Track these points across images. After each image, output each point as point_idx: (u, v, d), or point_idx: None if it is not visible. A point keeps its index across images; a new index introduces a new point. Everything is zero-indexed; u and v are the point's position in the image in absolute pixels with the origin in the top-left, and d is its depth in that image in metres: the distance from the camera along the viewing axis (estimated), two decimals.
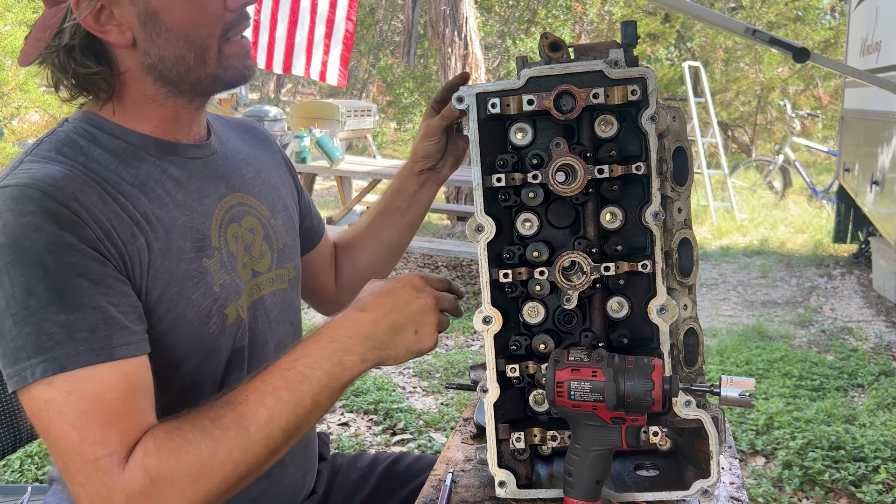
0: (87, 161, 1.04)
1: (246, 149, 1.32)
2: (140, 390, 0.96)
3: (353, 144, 11.67)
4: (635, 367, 0.95)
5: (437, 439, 3.32)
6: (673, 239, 1.06)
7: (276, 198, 1.30)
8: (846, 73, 5.68)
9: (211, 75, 1.09)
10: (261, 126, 1.44)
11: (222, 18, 1.07)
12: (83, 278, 0.94)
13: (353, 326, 1.01)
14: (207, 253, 1.11)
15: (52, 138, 1.07)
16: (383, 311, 1.03)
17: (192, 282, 1.08)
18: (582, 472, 0.98)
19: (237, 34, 1.10)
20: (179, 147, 1.14)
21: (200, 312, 1.08)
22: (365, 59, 14.93)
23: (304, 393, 0.97)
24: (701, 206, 8.65)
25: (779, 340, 4.70)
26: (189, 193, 1.12)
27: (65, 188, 0.97)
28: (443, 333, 4.97)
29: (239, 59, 1.11)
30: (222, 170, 1.21)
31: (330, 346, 1.00)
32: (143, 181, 1.07)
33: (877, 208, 5.24)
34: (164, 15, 1.04)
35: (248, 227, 1.21)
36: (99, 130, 1.08)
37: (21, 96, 4.83)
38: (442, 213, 8.07)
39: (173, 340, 1.06)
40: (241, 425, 0.94)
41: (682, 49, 13.59)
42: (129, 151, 1.08)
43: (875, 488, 2.82)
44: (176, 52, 1.06)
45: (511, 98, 1.03)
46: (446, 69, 7.51)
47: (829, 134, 13.39)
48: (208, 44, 1.07)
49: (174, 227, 1.07)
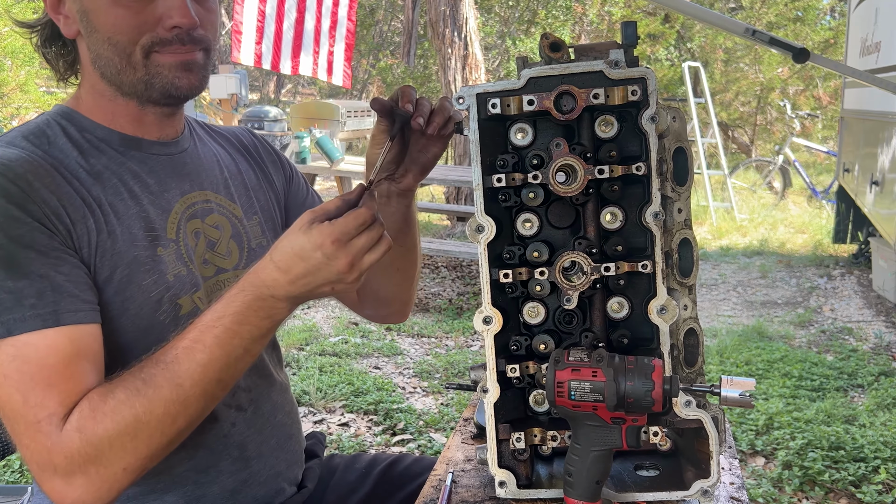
0: (49, 148, 1.09)
1: (224, 153, 1.34)
2: (85, 356, 1.00)
3: (353, 145, 11.67)
4: (635, 367, 0.95)
5: (438, 439, 3.32)
6: (673, 239, 1.06)
7: (253, 199, 1.32)
8: (846, 74, 5.69)
9: (142, 80, 1.11)
10: (249, 132, 1.45)
11: (149, 31, 1.08)
12: (31, 249, 0.98)
13: (273, 287, 1.01)
14: (162, 243, 1.14)
15: (22, 127, 1.13)
16: (297, 274, 1.00)
17: (145, 268, 1.10)
18: (582, 473, 0.99)
19: (167, 51, 1.10)
20: (143, 143, 1.18)
21: (151, 299, 1.10)
22: (365, 59, 14.93)
23: (235, 346, 1.00)
24: (701, 207, 8.65)
25: (779, 341, 4.70)
26: (147, 186, 1.15)
27: (16, 168, 1.01)
28: (443, 334, 4.92)
29: (170, 70, 1.10)
30: (189, 167, 1.23)
31: (256, 303, 1.01)
32: (100, 171, 1.11)
33: (876, 208, 5.24)
34: (93, 16, 1.09)
35: (213, 224, 1.23)
36: (69, 122, 1.14)
37: (21, 97, 4.83)
38: (442, 213, 8.08)
39: (121, 324, 1.08)
40: (174, 382, 0.97)
41: (681, 49, 13.59)
42: (93, 143, 1.13)
43: (875, 488, 2.82)
44: (104, 52, 1.10)
45: (511, 98, 1.03)
46: (446, 69, 7.52)
47: (828, 134, 13.40)
48: (130, 50, 1.09)
49: (127, 215, 1.11)
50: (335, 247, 0.99)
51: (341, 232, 0.99)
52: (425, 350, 4.63)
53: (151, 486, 1.14)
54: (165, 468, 1.13)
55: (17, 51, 4.72)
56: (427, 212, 8.41)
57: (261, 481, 1.23)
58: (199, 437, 1.14)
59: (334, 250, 0.99)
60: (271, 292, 1.01)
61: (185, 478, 1.16)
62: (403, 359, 4.44)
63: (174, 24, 1.08)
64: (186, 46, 1.10)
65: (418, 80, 12.54)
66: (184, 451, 1.13)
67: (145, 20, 1.08)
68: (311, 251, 0.99)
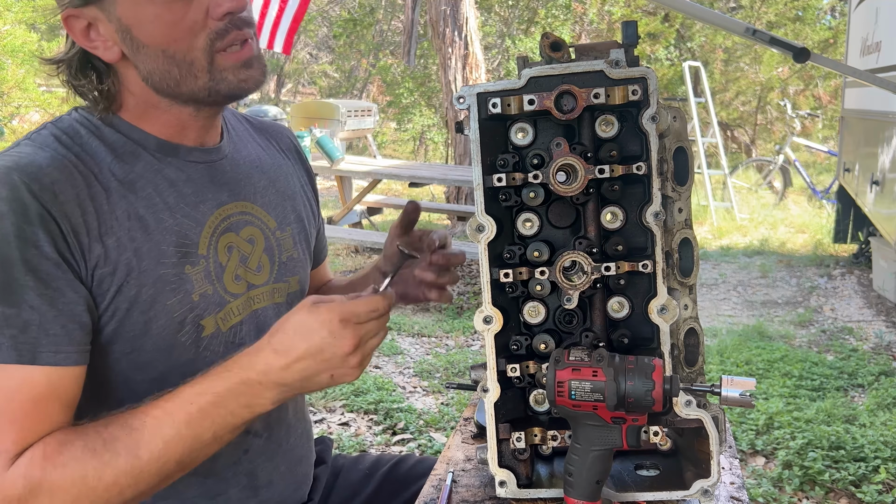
0: (80, 152, 1.03)
1: (264, 156, 1.28)
2: (58, 397, 0.96)
3: (354, 144, 11.66)
4: (636, 366, 0.95)
5: (438, 439, 3.32)
6: (673, 239, 1.06)
7: (289, 209, 1.28)
8: (846, 73, 5.68)
9: (205, 87, 1.05)
10: (290, 132, 1.40)
11: (205, 29, 1.02)
12: (32, 276, 0.94)
13: (266, 372, 0.96)
14: (192, 260, 1.09)
15: (55, 125, 1.08)
16: (296, 356, 0.95)
17: (170, 287, 1.06)
18: (582, 472, 0.98)
19: (229, 43, 1.04)
20: (181, 149, 1.12)
21: (174, 319, 1.06)
22: (365, 59, 14.93)
23: (206, 429, 0.96)
24: (701, 206, 8.65)
25: (779, 340, 4.70)
26: (183, 197, 1.10)
27: (44, 178, 0.97)
28: (443, 333, 4.92)
29: (235, 71, 1.05)
30: (228, 176, 1.18)
31: (239, 388, 0.96)
32: (134, 179, 1.06)
33: (877, 208, 5.24)
34: (137, 31, 1.02)
35: (246, 238, 1.18)
36: (102, 122, 1.08)
37: (21, 95, 4.83)
38: (442, 212, 8.07)
39: (142, 343, 1.05)
40: (133, 453, 0.93)
41: (682, 49, 13.59)
42: (128, 147, 1.08)
43: (875, 488, 2.81)
44: (159, 66, 1.04)
45: (512, 98, 1.03)
46: (446, 69, 7.51)
47: (829, 134, 13.39)
48: (192, 57, 1.03)
49: (158, 229, 1.06)
50: (342, 325, 0.95)
51: (351, 312, 0.96)
52: (425, 349, 4.63)
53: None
54: (174, 492, 1.11)
55: (16, 49, 4.72)
56: (427, 211, 8.40)
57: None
58: (210, 462, 1.09)
59: (341, 328, 0.94)
60: (260, 378, 0.96)
61: (193, 503, 1.14)
62: (403, 358, 4.44)
63: (225, 10, 1.02)
64: (242, 31, 1.04)
65: (418, 79, 12.54)
66: (194, 476, 1.08)
67: (194, 19, 1.01)
68: (315, 329, 0.94)
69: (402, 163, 8.58)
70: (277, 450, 1.23)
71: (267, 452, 1.21)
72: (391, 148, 14.18)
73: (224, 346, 1.13)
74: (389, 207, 7.91)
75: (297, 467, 1.28)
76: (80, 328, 0.98)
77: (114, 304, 1.02)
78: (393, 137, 14.36)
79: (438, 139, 13.06)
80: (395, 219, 1.30)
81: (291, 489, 1.27)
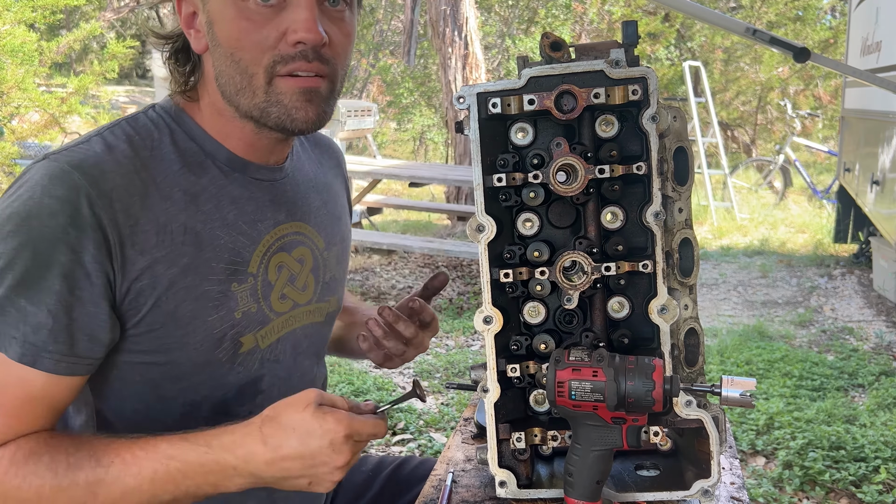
0: (149, 157, 1.03)
1: (319, 175, 1.28)
2: (47, 403, 0.97)
3: (354, 144, 11.66)
4: (636, 367, 0.95)
5: (438, 439, 3.32)
6: (674, 239, 1.06)
7: (336, 230, 1.28)
8: (846, 73, 5.68)
9: (258, 107, 1.03)
10: (339, 149, 1.40)
11: (274, 49, 1.00)
12: (61, 280, 0.94)
13: (246, 461, 0.94)
14: (240, 278, 1.08)
15: (131, 122, 1.07)
16: (285, 455, 0.93)
17: (213, 303, 1.05)
18: (582, 472, 0.98)
19: (293, 70, 1.01)
20: (250, 166, 1.11)
21: (213, 336, 1.05)
22: (365, 59, 14.93)
23: (167, 492, 0.95)
24: (701, 206, 8.65)
25: (779, 340, 4.70)
26: (243, 215, 1.10)
27: (104, 184, 0.96)
28: (443, 333, 4.92)
29: (289, 98, 1.02)
30: (288, 196, 1.17)
31: (212, 466, 0.94)
32: (198, 192, 1.05)
33: (877, 208, 5.24)
34: (217, 28, 1.02)
35: (297, 258, 1.18)
36: (178, 126, 1.08)
37: (20, 95, 4.82)
38: (442, 212, 8.07)
39: (177, 356, 1.04)
40: (91, 489, 0.93)
41: (682, 49, 13.59)
42: (198, 157, 1.07)
43: (875, 488, 2.81)
44: (227, 69, 1.03)
45: (512, 98, 1.03)
46: (446, 69, 7.51)
47: (829, 134, 13.39)
48: (253, 71, 1.01)
49: (211, 245, 1.05)
50: (345, 440, 0.93)
51: (357, 431, 0.94)
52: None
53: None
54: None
55: (16, 49, 4.71)
56: (427, 211, 8.41)
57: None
58: None
59: (342, 443, 0.93)
60: (237, 463, 0.94)
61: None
62: None
63: (298, 38, 0.98)
64: (312, 64, 1.00)
65: (418, 79, 12.54)
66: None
67: (268, 35, 0.99)
68: (317, 435, 0.92)
69: (402, 163, 8.58)
70: None
71: None
72: (391, 148, 14.18)
73: (259, 362, 1.13)
74: (389, 207, 7.92)
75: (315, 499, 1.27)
76: (90, 341, 0.98)
77: (149, 317, 1.01)
78: (393, 137, 14.36)
79: (438, 139, 13.06)
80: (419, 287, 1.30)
81: (308, 501, 1.25)
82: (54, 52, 5.37)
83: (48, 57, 5.22)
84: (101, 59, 5.11)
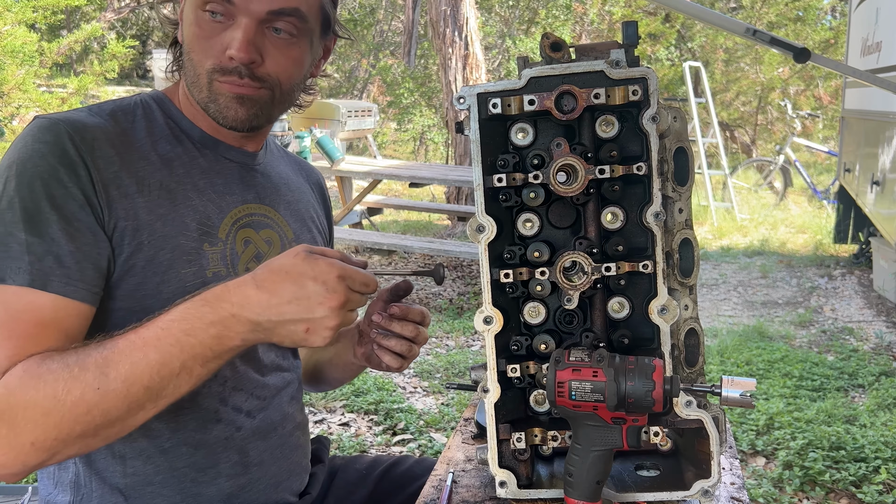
0: (129, 128, 1.14)
1: (293, 179, 1.37)
2: (59, 327, 1.01)
3: (354, 145, 11.66)
4: (636, 367, 0.95)
5: (438, 439, 3.32)
6: (674, 239, 1.06)
7: (306, 230, 1.34)
8: (847, 74, 5.68)
9: (202, 101, 1.15)
10: (320, 175, 1.50)
11: (214, 58, 1.12)
12: (56, 212, 1.02)
13: (242, 305, 0.96)
14: (210, 240, 1.15)
15: (117, 101, 1.19)
16: (280, 298, 0.95)
17: (187, 257, 1.12)
18: (582, 473, 0.98)
19: (225, 81, 1.12)
20: (221, 145, 1.22)
21: (186, 289, 1.08)
22: (365, 59, 14.93)
23: (174, 356, 0.96)
24: (701, 207, 8.65)
25: (779, 341, 4.70)
26: (212, 185, 1.19)
27: (86, 134, 1.07)
28: (443, 333, 4.91)
29: (225, 99, 1.14)
30: (258, 181, 1.27)
31: (211, 317, 0.96)
32: (172, 158, 1.16)
33: (877, 209, 5.24)
34: (183, 26, 1.16)
35: (265, 238, 1.24)
36: (159, 107, 1.20)
37: (21, 96, 4.82)
38: (442, 213, 8.07)
39: (151, 304, 1.07)
40: (101, 370, 0.95)
41: (682, 49, 13.59)
42: (174, 132, 1.18)
43: (875, 489, 2.81)
44: (186, 63, 1.16)
45: (512, 98, 1.03)
46: (447, 69, 7.51)
47: (829, 134, 13.39)
48: (199, 71, 1.14)
49: (184, 204, 1.14)
50: (338, 281, 0.96)
51: (349, 275, 0.97)
52: (426, 350, 4.62)
53: (150, 477, 1.13)
54: (165, 462, 1.13)
55: (16, 50, 4.71)
56: (427, 212, 8.41)
57: (259, 489, 1.22)
58: (201, 435, 1.15)
59: (336, 283, 0.96)
60: (235, 310, 0.96)
61: (183, 474, 1.15)
62: None
63: (230, 55, 1.11)
64: (244, 80, 1.12)
65: (418, 80, 12.54)
66: (185, 447, 1.14)
67: (213, 45, 1.12)
68: (309, 276, 0.95)
69: (402, 163, 8.57)
70: (272, 433, 1.24)
71: (260, 433, 1.22)
72: (391, 148, 14.18)
73: None
74: (389, 208, 7.92)
75: (293, 454, 1.29)
76: (94, 269, 1.04)
77: (132, 260, 1.08)
78: (393, 138, 14.36)
79: (438, 139, 13.06)
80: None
81: (286, 475, 1.27)
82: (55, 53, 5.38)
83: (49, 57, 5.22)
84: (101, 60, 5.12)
